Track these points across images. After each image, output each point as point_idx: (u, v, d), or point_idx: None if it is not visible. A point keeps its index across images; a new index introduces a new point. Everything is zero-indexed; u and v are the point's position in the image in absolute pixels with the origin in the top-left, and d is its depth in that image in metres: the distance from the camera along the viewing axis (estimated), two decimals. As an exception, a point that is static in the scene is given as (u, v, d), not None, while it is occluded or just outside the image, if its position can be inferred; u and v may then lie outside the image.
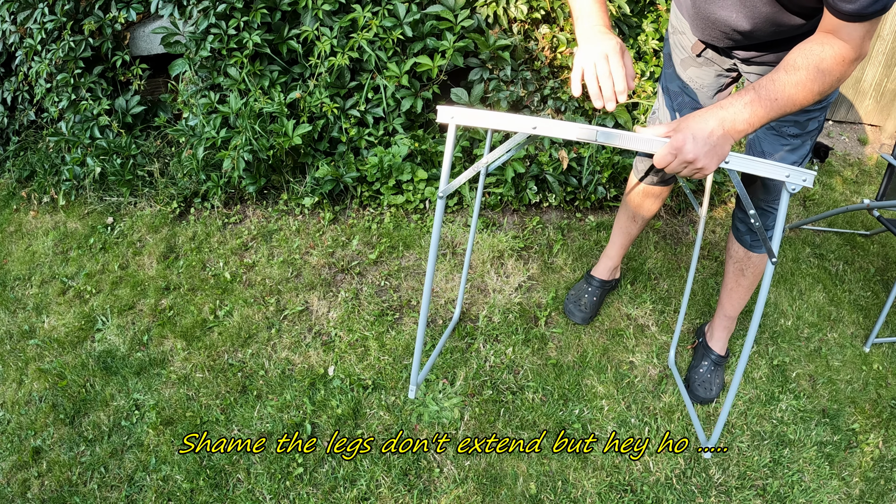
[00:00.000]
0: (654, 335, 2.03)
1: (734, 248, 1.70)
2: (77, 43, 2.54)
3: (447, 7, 2.35)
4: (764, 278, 1.23)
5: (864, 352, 2.04)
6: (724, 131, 1.05)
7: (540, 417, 1.77)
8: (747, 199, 1.20)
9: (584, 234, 2.42)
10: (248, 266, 2.28)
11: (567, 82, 2.55)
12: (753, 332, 1.27)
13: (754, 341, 2.03)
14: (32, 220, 2.65)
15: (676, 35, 1.52)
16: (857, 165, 3.15)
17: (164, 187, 2.54)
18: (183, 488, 1.63)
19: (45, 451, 1.76)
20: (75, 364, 1.98)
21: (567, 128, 1.11)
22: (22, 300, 2.27)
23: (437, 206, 1.33)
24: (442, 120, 1.22)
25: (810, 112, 1.37)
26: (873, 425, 1.82)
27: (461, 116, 1.21)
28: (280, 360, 1.95)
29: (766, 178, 1.48)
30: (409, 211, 2.48)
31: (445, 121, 1.22)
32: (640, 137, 1.09)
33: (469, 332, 2.01)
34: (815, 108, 1.36)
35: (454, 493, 1.60)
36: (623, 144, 1.10)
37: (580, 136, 1.10)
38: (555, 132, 1.12)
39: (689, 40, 1.48)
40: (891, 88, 3.27)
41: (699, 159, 1.04)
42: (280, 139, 2.33)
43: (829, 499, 1.63)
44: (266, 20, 2.35)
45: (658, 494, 1.61)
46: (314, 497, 1.60)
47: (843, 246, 2.53)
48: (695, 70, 1.52)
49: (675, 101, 1.59)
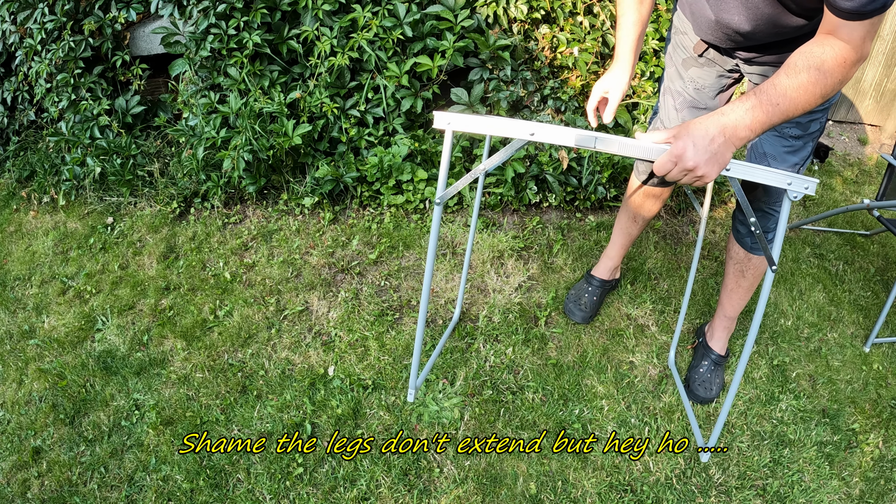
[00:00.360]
0: (654, 335, 2.03)
1: (734, 250, 1.70)
2: (77, 43, 2.54)
3: (447, 7, 2.35)
4: (763, 286, 1.23)
5: (864, 352, 2.04)
6: (725, 138, 1.04)
7: (540, 417, 1.77)
8: (748, 206, 1.20)
9: (584, 234, 2.42)
10: (248, 266, 2.28)
11: (567, 82, 2.55)
12: (753, 335, 1.27)
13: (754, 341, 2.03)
14: (32, 220, 2.65)
15: (678, 35, 1.52)
16: (857, 165, 3.15)
17: (164, 187, 2.54)
18: (183, 488, 1.63)
19: (45, 451, 1.76)
20: (75, 364, 1.98)
21: (564, 134, 1.09)
22: (22, 300, 2.27)
23: (434, 211, 1.32)
24: (439, 125, 1.19)
25: (812, 113, 1.37)
26: (873, 425, 1.82)
27: (458, 122, 1.18)
28: (280, 360, 1.95)
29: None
30: (409, 211, 2.48)
31: (442, 126, 1.19)
32: (639, 145, 1.08)
33: (469, 332, 2.01)
34: (817, 109, 1.36)
35: (454, 493, 1.60)
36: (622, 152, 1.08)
37: (578, 142, 1.09)
38: (552, 138, 1.10)
39: (690, 40, 1.48)
40: (891, 88, 3.27)
41: (700, 167, 1.03)
42: (280, 139, 2.33)
43: (829, 499, 1.63)
44: (266, 20, 2.35)
45: (658, 494, 1.61)
46: (314, 497, 1.60)
47: (843, 246, 2.53)
48: (696, 70, 1.52)
49: (676, 100, 1.59)
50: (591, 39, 2.46)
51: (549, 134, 1.10)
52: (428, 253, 1.38)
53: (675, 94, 1.59)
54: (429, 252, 1.38)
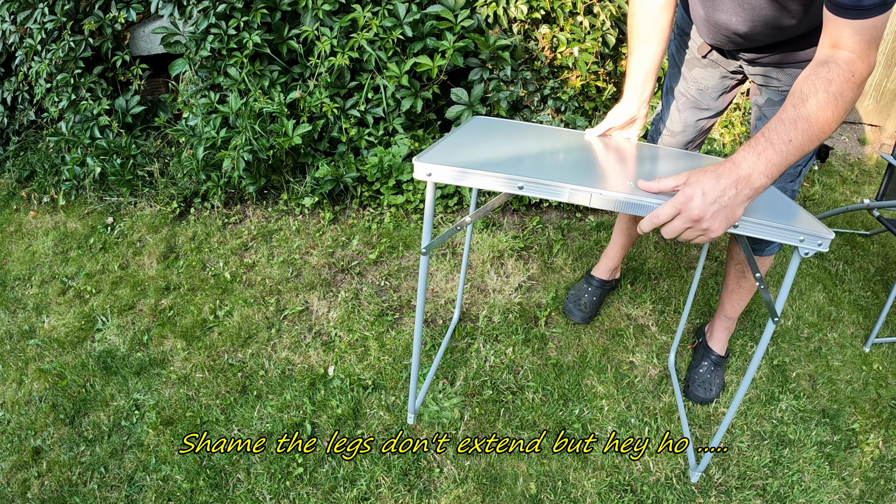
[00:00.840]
0: (654, 335, 2.03)
1: (735, 251, 1.70)
2: (77, 43, 2.54)
3: (447, 7, 2.35)
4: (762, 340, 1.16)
5: (864, 352, 2.04)
6: (737, 190, 0.95)
7: (540, 417, 1.77)
8: (755, 264, 1.15)
9: (584, 234, 2.42)
10: (248, 266, 2.28)
11: (567, 82, 2.55)
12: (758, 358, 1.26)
13: (754, 341, 2.03)
14: (32, 220, 2.65)
15: (682, 36, 1.52)
16: (857, 165, 3.15)
17: (164, 187, 2.54)
18: (183, 488, 1.63)
19: (45, 451, 1.76)
20: (75, 364, 1.98)
21: (558, 189, 1.01)
22: (22, 300, 2.26)
23: (421, 262, 1.24)
24: (419, 176, 1.09)
25: None
26: (873, 425, 1.82)
27: (440, 173, 1.07)
28: (280, 360, 1.95)
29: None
30: (409, 211, 2.48)
31: (422, 177, 1.09)
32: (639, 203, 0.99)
33: (469, 332, 2.01)
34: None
35: (454, 493, 1.60)
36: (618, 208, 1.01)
37: (572, 197, 1.02)
38: (544, 193, 1.02)
39: (695, 42, 1.48)
40: (891, 88, 3.27)
41: (706, 219, 0.95)
42: (280, 139, 2.33)
43: (829, 499, 1.63)
44: (266, 20, 2.35)
45: (658, 494, 1.61)
46: (314, 497, 1.60)
47: (843, 246, 2.53)
48: (700, 71, 1.52)
49: (678, 101, 1.59)
50: (591, 39, 2.45)
51: (539, 189, 1.03)
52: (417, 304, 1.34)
53: (677, 95, 1.59)
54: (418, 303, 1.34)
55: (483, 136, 1.37)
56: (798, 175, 1.46)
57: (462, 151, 1.20)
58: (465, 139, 1.31)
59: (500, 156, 1.21)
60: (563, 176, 1.07)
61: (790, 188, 1.48)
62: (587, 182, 1.05)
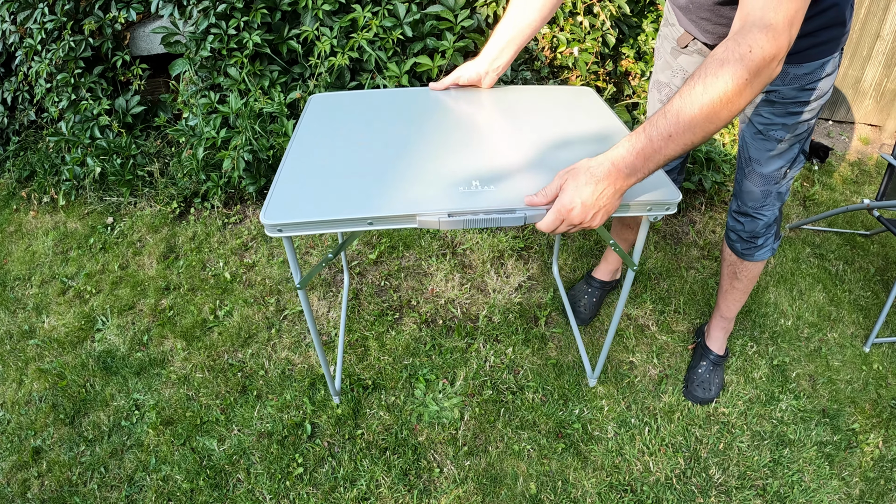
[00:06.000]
0: (654, 335, 2.03)
1: (727, 252, 1.71)
2: (77, 43, 2.54)
3: (447, 7, 2.35)
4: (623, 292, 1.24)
5: (864, 352, 2.04)
6: (614, 189, 1.00)
7: (540, 417, 1.77)
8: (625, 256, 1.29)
9: (585, 235, 2.42)
10: (248, 266, 2.28)
11: (567, 82, 2.55)
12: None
13: (754, 340, 2.03)
14: (32, 220, 2.65)
15: (667, 26, 1.53)
16: (857, 165, 3.15)
17: (164, 187, 2.54)
18: (183, 488, 1.63)
19: (45, 451, 1.76)
20: (75, 364, 1.98)
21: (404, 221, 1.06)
22: (22, 300, 2.27)
23: (301, 297, 1.28)
24: (270, 233, 1.08)
25: (800, 115, 1.35)
26: (873, 425, 1.82)
27: (290, 229, 1.07)
28: (280, 360, 1.95)
29: (751, 184, 1.48)
30: (409, 211, 2.48)
31: (274, 234, 1.08)
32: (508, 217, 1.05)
33: (469, 332, 2.01)
34: (805, 108, 1.34)
35: (454, 493, 1.60)
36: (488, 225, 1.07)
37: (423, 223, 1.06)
38: (393, 224, 1.07)
39: (676, 31, 1.48)
40: (891, 88, 3.27)
41: (585, 221, 1.02)
42: (280, 139, 2.33)
43: (829, 499, 1.63)
44: (266, 20, 2.35)
45: (658, 494, 1.61)
46: (314, 497, 1.60)
47: (843, 246, 2.53)
48: (685, 58, 1.51)
49: (661, 93, 1.59)
50: (591, 39, 2.46)
51: (388, 222, 1.06)
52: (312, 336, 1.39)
53: (661, 87, 1.59)
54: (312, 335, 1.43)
55: (327, 131, 1.37)
56: (783, 177, 1.46)
57: (309, 176, 1.19)
58: (311, 147, 1.30)
59: (351, 171, 1.21)
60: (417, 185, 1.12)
61: (775, 190, 1.47)
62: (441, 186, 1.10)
